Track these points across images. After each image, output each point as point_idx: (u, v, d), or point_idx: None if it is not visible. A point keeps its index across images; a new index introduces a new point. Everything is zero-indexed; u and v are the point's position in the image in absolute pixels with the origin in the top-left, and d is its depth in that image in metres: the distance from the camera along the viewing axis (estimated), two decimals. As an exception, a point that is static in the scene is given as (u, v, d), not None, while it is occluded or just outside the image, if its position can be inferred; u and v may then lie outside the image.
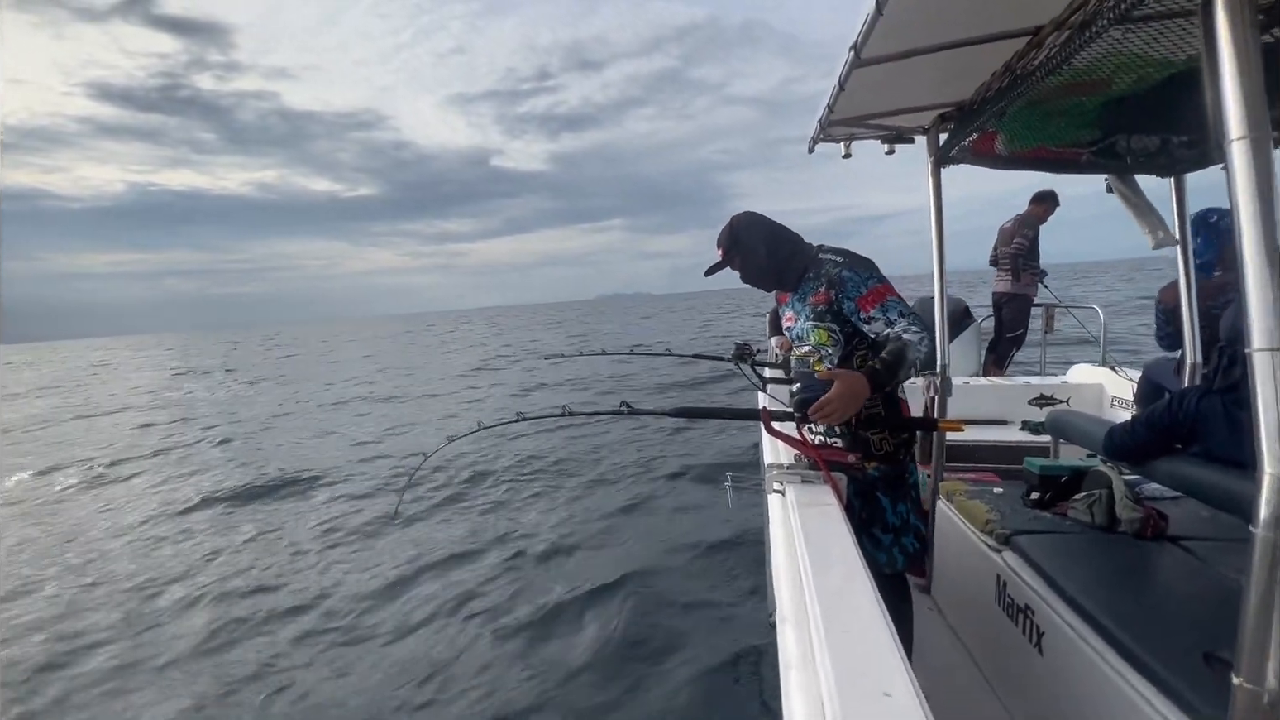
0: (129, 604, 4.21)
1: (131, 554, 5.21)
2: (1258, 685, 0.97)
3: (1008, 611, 1.99)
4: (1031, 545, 2.00)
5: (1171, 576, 1.82)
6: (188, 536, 5.52)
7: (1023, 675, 1.90)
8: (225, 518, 6.05)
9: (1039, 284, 5.69)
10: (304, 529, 5.46)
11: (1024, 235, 5.53)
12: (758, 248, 1.96)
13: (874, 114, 2.74)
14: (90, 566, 4.96)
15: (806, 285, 1.94)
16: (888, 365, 1.70)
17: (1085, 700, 1.54)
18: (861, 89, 2.28)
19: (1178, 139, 2.01)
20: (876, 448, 1.87)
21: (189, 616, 3.96)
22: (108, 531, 5.89)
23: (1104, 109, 1.84)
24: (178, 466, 8.32)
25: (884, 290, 1.80)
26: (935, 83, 2.40)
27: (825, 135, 2.93)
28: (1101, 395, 4.28)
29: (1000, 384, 4.53)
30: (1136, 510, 2.03)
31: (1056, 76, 1.74)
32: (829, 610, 1.00)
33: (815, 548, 1.25)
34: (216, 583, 4.45)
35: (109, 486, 7.64)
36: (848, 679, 0.82)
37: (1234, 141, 0.98)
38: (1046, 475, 2.40)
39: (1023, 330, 5.72)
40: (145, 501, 6.80)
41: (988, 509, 2.31)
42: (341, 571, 4.52)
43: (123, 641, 3.72)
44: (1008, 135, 2.13)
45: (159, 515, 6.22)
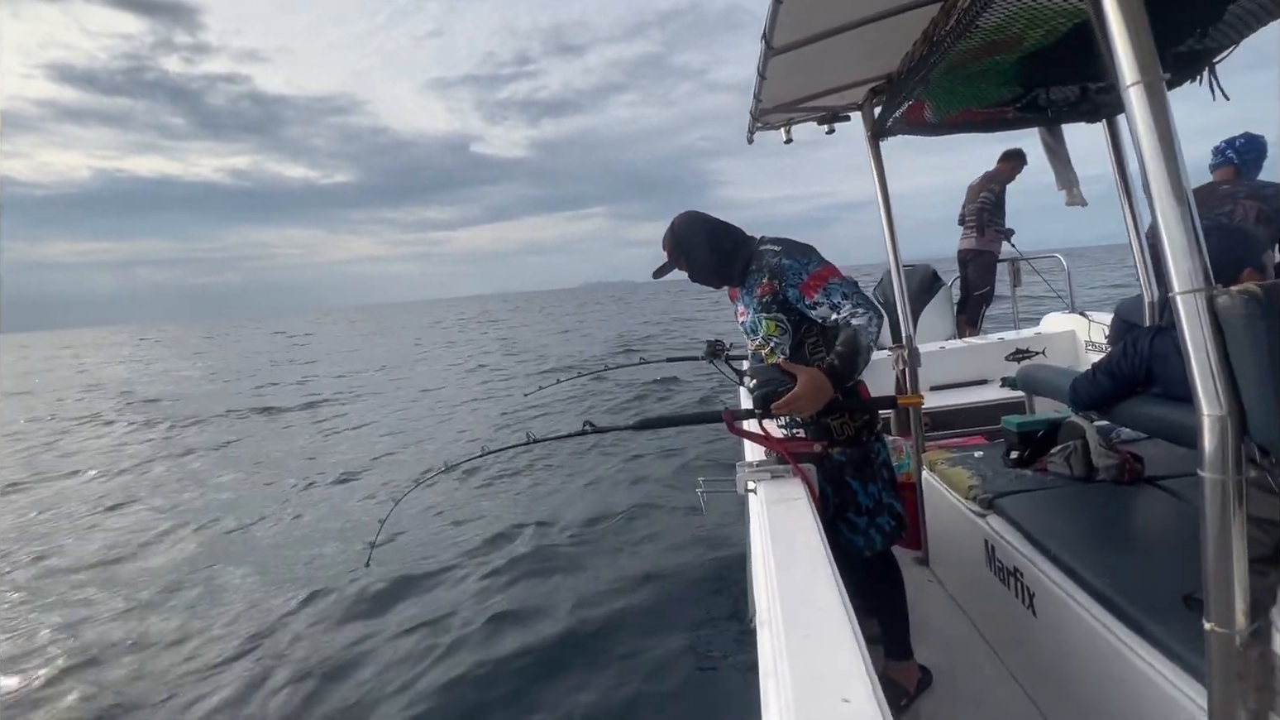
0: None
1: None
2: (1228, 628, 0.96)
3: (999, 575, 1.98)
4: (1014, 506, 1.99)
5: (1151, 518, 1.82)
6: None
7: (1020, 638, 1.89)
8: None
9: (1004, 241, 5.73)
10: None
11: (990, 190, 5.54)
12: (700, 246, 1.95)
13: (806, 97, 2.74)
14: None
15: (751, 278, 1.93)
16: (844, 357, 1.68)
17: (1078, 656, 1.54)
18: (788, 74, 2.27)
19: (1095, 85, 2.02)
20: (838, 433, 1.85)
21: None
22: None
23: (1020, 65, 1.85)
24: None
25: (825, 274, 1.78)
26: (861, 58, 2.40)
27: (762, 124, 2.93)
28: (1075, 342, 4.31)
29: (976, 344, 4.55)
30: (1112, 457, 2.04)
31: (970, 39, 1.75)
32: (791, 613, 0.98)
33: (781, 546, 1.23)
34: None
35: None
36: (806, 685, 0.80)
37: (1129, 87, 0.98)
38: (1024, 432, 2.41)
39: (989, 287, 5.74)
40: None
41: (970, 475, 2.30)
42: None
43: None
44: (934, 102, 2.14)
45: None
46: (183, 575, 5.07)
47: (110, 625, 4.34)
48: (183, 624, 4.23)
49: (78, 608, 4.79)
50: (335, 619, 3.99)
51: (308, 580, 4.67)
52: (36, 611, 4.71)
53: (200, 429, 11.38)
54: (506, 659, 3.38)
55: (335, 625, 3.96)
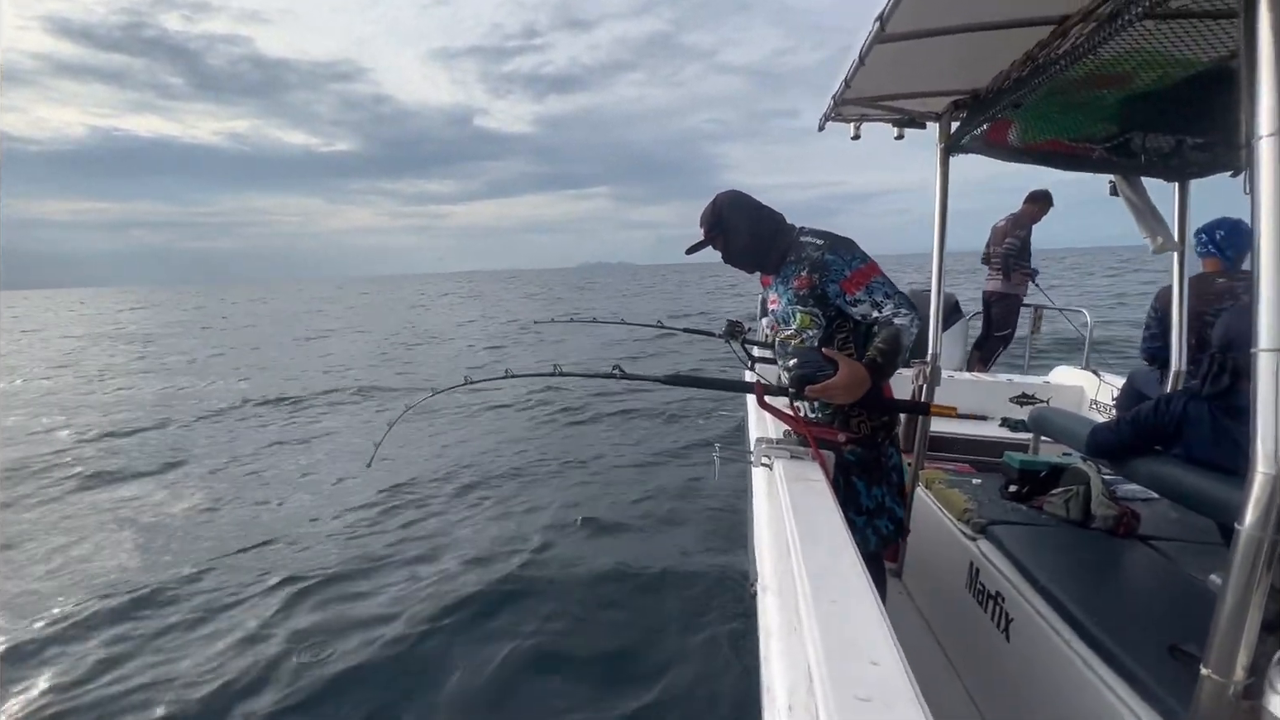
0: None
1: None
2: (1225, 677, 0.99)
3: (978, 598, 2.03)
4: (1007, 535, 2.03)
5: (1141, 573, 1.86)
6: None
7: (989, 661, 1.94)
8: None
9: (1030, 283, 5.73)
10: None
11: (1016, 235, 5.52)
12: (741, 229, 1.92)
13: (888, 95, 2.69)
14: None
15: (788, 268, 1.91)
16: (885, 354, 1.67)
17: (1050, 686, 1.59)
18: (878, 67, 2.23)
19: (1191, 140, 2.00)
20: (855, 430, 1.85)
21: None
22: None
23: (1124, 104, 1.82)
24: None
25: (869, 271, 1.77)
26: (952, 67, 2.36)
27: (837, 114, 2.87)
28: (1081, 398, 4.35)
29: (983, 380, 4.58)
30: (1112, 507, 2.07)
31: (1079, 68, 1.72)
32: (817, 582, 1.00)
33: (804, 521, 1.25)
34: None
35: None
36: (835, 648, 0.82)
37: (1263, 138, 0.97)
38: (1026, 470, 2.44)
39: (1010, 330, 5.77)
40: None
41: (966, 498, 2.34)
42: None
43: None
44: (1023, 125, 2.11)
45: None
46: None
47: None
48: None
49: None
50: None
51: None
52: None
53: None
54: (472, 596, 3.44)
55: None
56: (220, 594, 3.56)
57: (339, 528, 4.46)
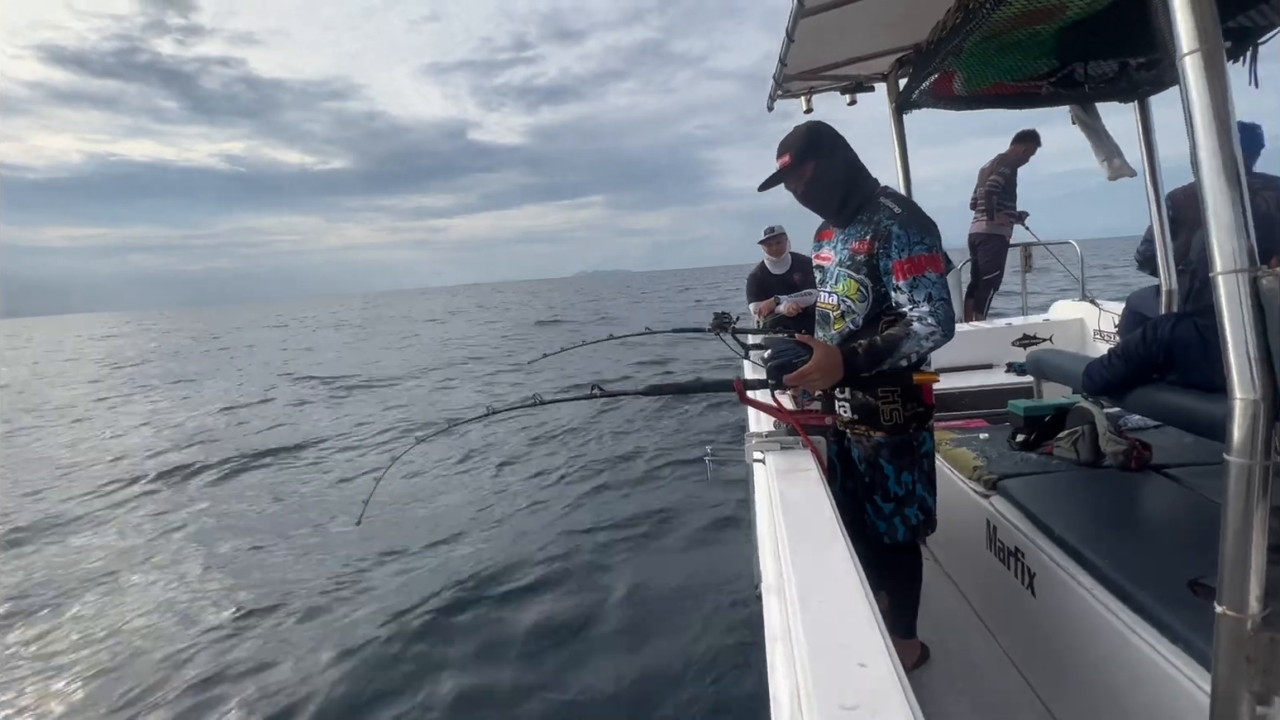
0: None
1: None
2: (1240, 612, 0.96)
3: (999, 555, 1.99)
4: (1018, 488, 1.99)
5: (1157, 505, 1.82)
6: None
7: (1018, 618, 1.91)
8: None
9: (1018, 224, 5.63)
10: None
11: (999, 173, 5.43)
12: (837, 159, 1.68)
13: (830, 64, 2.67)
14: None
15: (855, 227, 1.72)
16: (874, 351, 1.59)
17: (1078, 638, 1.55)
18: (814, 40, 2.21)
19: (1135, 61, 1.95)
20: (886, 418, 1.73)
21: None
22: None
23: (1060, 36, 1.79)
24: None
25: (926, 262, 1.59)
26: (890, 26, 2.33)
27: (783, 91, 2.86)
28: (1084, 330, 4.29)
29: (982, 328, 4.53)
30: (1120, 443, 2.03)
31: (1009, 7, 1.69)
32: (805, 580, 0.98)
33: (794, 516, 1.22)
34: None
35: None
36: (822, 650, 0.80)
37: (1186, 56, 0.94)
38: (1031, 416, 2.40)
39: (998, 272, 5.68)
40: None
41: (974, 455, 2.30)
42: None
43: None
44: (966, 74, 2.08)
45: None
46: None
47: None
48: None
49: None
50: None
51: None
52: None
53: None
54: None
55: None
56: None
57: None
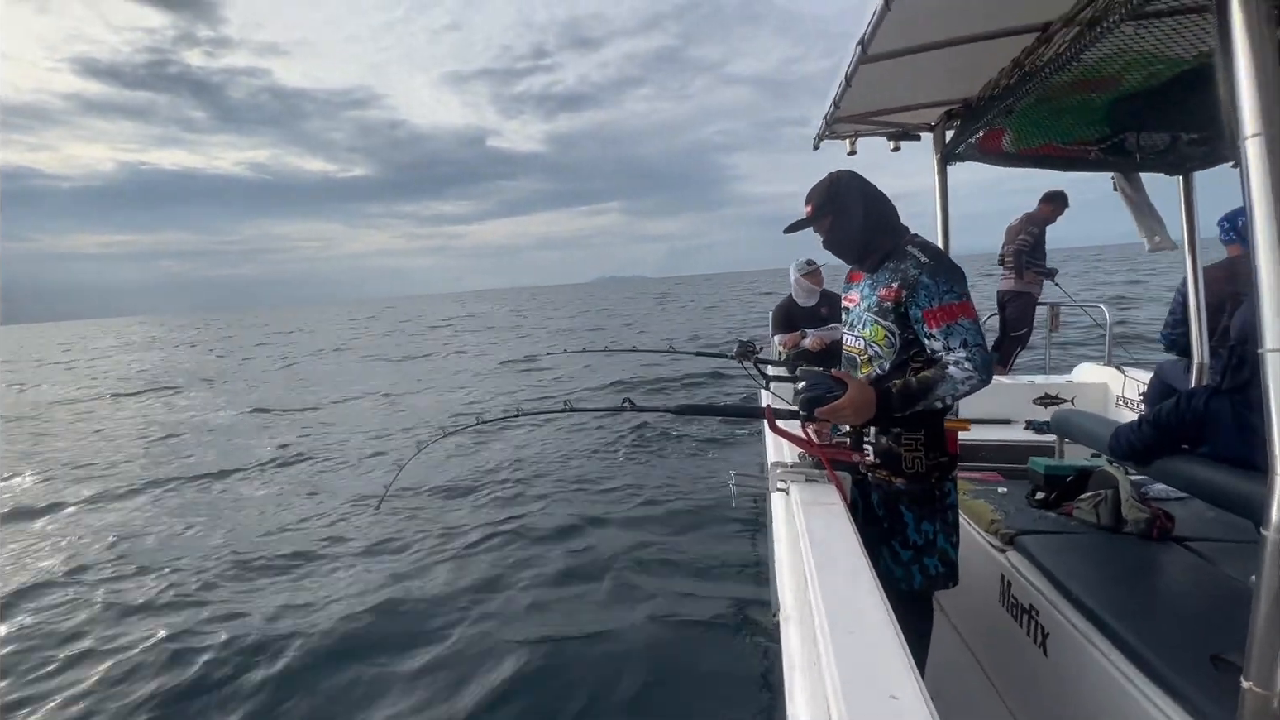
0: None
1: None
2: (1267, 689, 0.96)
3: (1012, 612, 1.98)
4: (1036, 545, 1.98)
5: (1178, 577, 1.80)
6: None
7: (1027, 676, 1.89)
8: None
9: (1048, 281, 5.63)
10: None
11: (1028, 232, 5.48)
12: (855, 213, 1.74)
13: (880, 110, 2.73)
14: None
15: (883, 274, 1.75)
16: (909, 394, 1.59)
17: (1090, 702, 1.54)
18: (868, 85, 2.26)
19: (1187, 136, 1.99)
20: (908, 465, 1.71)
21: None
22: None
23: (1113, 106, 1.83)
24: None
25: (958, 310, 1.60)
26: (942, 79, 2.39)
27: (830, 132, 2.91)
28: (1106, 395, 4.26)
29: (1004, 383, 4.51)
30: (1143, 510, 2.02)
31: (1066, 73, 1.73)
32: (834, 611, 0.99)
33: (820, 548, 1.24)
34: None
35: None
36: (853, 681, 0.81)
37: (1248, 139, 0.97)
38: (1052, 475, 2.39)
39: (1027, 329, 5.68)
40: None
41: (992, 509, 2.30)
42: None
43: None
44: (1015, 132, 2.12)
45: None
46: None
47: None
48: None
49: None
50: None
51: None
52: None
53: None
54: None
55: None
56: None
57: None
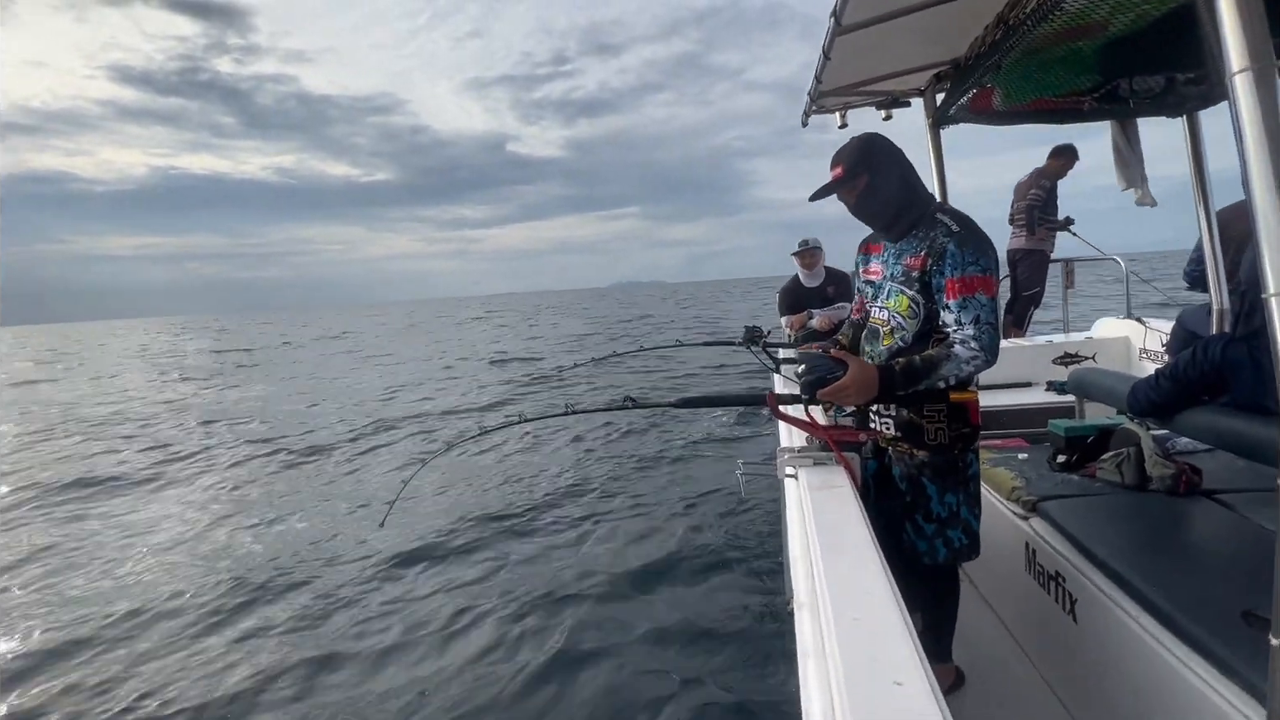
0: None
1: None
2: None
3: (1039, 580, 1.94)
4: (1059, 510, 1.94)
5: (1207, 532, 1.75)
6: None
7: (1058, 643, 1.85)
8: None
9: (1066, 230, 5.46)
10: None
11: (1039, 186, 5.32)
12: (891, 174, 1.66)
13: (866, 80, 2.67)
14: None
15: (909, 242, 1.69)
16: (912, 372, 1.55)
17: (1122, 666, 1.50)
18: (850, 56, 2.22)
19: (1183, 76, 1.91)
20: (930, 437, 1.69)
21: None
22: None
23: (1103, 52, 1.76)
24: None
25: (978, 284, 1.54)
26: (927, 42, 2.33)
27: (817, 107, 2.87)
28: (1129, 349, 4.16)
29: (1022, 345, 4.41)
30: (1168, 466, 1.97)
31: (1050, 23, 1.68)
32: (839, 597, 0.97)
33: (827, 532, 1.22)
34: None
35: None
36: (857, 667, 0.80)
37: (1236, 75, 0.93)
38: (1072, 437, 2.34)
39: (1039, 288, 5.54)
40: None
41: (1013, 476, 2.25)
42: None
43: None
44: (1005, 89, 2.06)
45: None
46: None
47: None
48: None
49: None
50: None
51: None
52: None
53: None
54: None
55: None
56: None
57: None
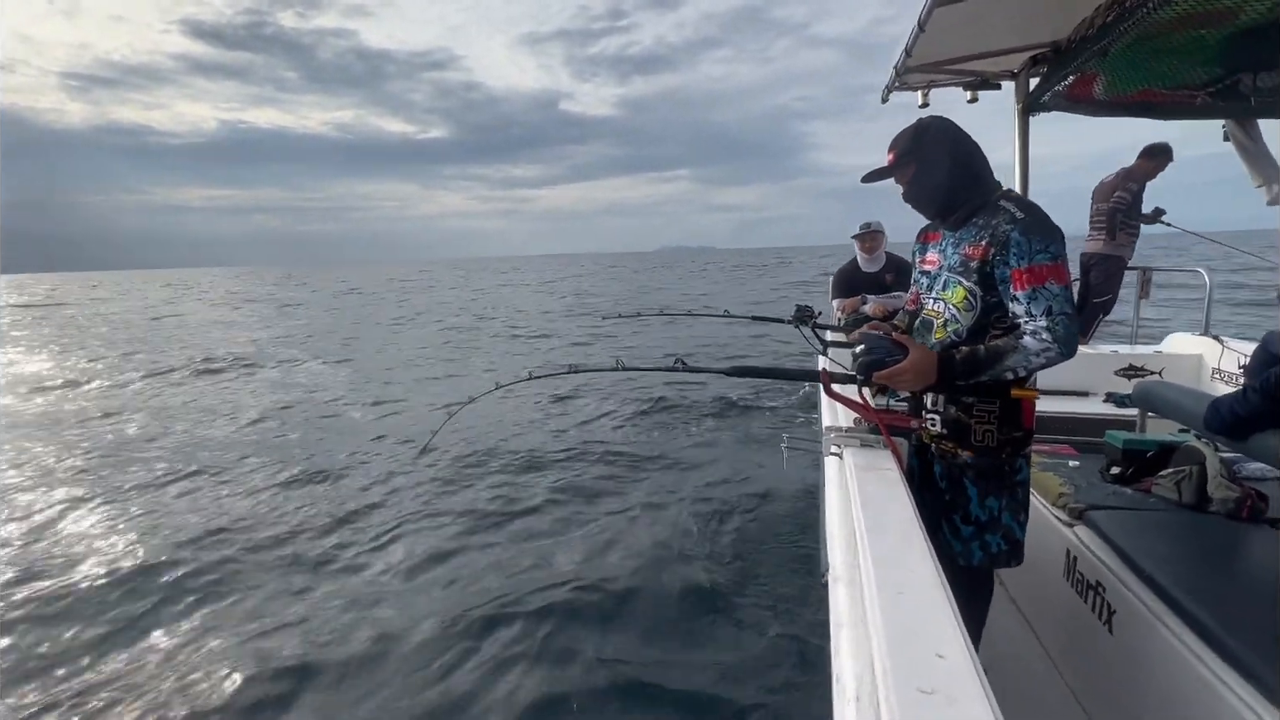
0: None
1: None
2: None
3: (1076, 588, 1.91)
4: (1108, 521, 1.89)
5: (1266, 560, 1.69)
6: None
7: (1090, 653, 1.83)
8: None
9: (1161, 223, 5.13)
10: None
11: (1126, 189, 5.00)
12: (940, 162, 1.62)
13: (957, 58, 2.55)
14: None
15: (969, 230, 1.63)
16: (975, 362, 1.50)
17: (1159, 682, 1.48)
18: (944, 30, 2.11)
19: (1316, 75, 1.76)
20: (977, 438, 1.63)
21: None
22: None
23: (1228, 43, 1.63)
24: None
25: (1048, 273, 1.47)
26: (1028, 20, 2.20)
27: (901, 83, 2.75)
28: (1200, 367, 3.94)
29: (1085, 352, 4.23)
30: (1232, 489, 1.89)
31: (1175, 6, 1.56)
32: (883, 571, 0.98)
33: (872, 509, 1.22)
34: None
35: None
36: (899, 639, 0.81)
37: None
38: (1130, 450, 2.26)
39: (1112, 296, 5.26)
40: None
41: (1061, 482, 2.20)
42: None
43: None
44: (1110, 77, 1.93)
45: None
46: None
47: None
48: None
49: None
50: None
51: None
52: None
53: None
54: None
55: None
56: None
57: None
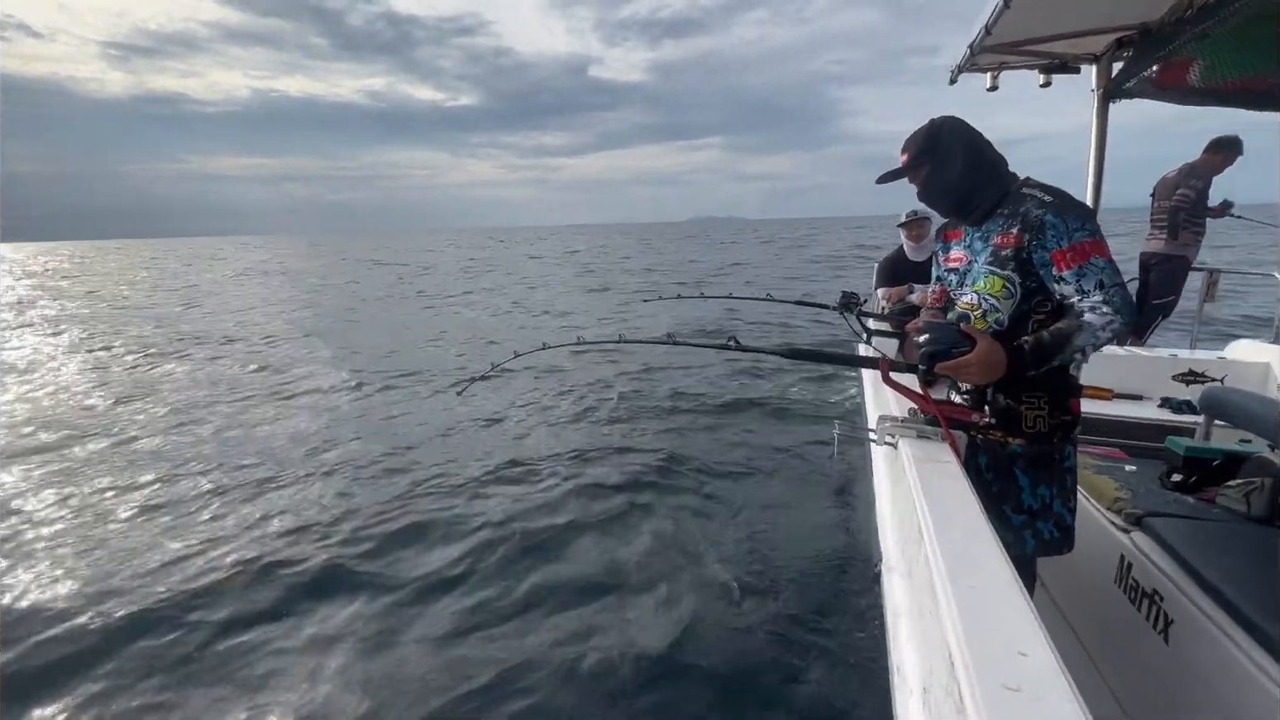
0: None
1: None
2: None
3: (1130, 595, 1.85)
4: (1168, 528, 1.83)
5: None
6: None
7: (1142, 665, 1.78)
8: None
9: (1230, 215, 4.87)
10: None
11: (1190, 186, 4.73)
12: (955, 160, 1.62)
13: (1036, 38, 2.43)
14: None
15: (995, 222, 1.63)
16: (1043, 348, 1.47)
17: (1219, 696, 1.43)
18: (1026, 8, 2.01)
19: None
20: (1029, 424, 1.62)
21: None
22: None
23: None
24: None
25: (1090, 249, 1.46)
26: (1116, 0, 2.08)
27: (972, 64, 2.63)
28: (1267, 376, 3.76)
29: (1140, 355, 4.07)
30: (1307, 504, 1.80)
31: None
32: (954, 565, 0.96)
33: (936, 503, 1.20)
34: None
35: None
36: (977, 634, 0.79)
37: None
38: (1193, 457, 2.17)
39: (1173, 298, 5.02)
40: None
41: (1118, 486, 2.13)
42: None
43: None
44: (1208, 63, 1.81)
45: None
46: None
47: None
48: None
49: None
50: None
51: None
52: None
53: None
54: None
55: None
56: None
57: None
